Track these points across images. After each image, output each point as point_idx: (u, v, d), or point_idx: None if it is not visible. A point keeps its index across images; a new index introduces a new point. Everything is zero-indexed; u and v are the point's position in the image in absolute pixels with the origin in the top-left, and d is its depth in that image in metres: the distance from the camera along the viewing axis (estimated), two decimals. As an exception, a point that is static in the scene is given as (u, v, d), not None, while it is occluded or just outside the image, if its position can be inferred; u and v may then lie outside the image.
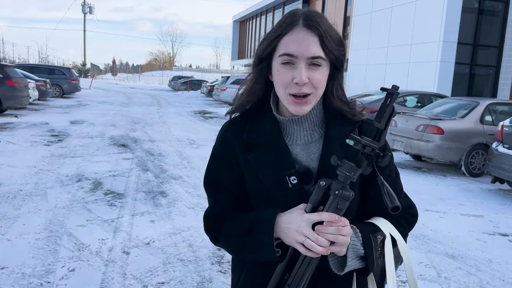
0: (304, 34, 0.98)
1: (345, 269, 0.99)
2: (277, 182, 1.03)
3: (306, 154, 1.07)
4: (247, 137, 1.08)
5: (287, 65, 0.99)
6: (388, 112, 0.95)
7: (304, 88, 0.99)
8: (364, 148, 0.94)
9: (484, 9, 15.80)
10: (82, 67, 45.69)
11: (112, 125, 11.81)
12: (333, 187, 0.94)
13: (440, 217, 5.06)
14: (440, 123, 7.30)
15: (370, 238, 1.00)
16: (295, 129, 1.08)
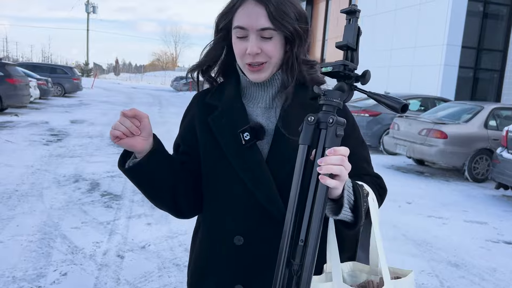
0: (252, 7, 1.01)
1: (340, 214, 0.92)
2: (233, 140, 1.05)
3: (267, 116, 1.09)
4: (208, 100, 1.13)
5: (241, 38, 1.03)
6: (353, 31, 0.89)
7: (258, 58, 1.02)
8: (345, 69, 0.89)
9: (488, 13, 15.69)
10: (84, 67, 45.69)
11: (112, 125, 11.74)
12: (323, 118, 0.87)
13: (443, 224, 4.95)
14: (443, 127, 7.20)
15: (358, 189, 0.96)
16: (259, 94, 1.11)
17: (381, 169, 8.04)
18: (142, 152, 1.04)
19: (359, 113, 9.68)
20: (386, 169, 8.07)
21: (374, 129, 9.56)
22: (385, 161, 8.95)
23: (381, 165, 8.46)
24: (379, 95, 0.92)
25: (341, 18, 27.01)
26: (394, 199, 5.87)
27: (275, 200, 1.01)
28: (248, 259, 1.04)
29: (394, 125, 8.22)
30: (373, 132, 9.58)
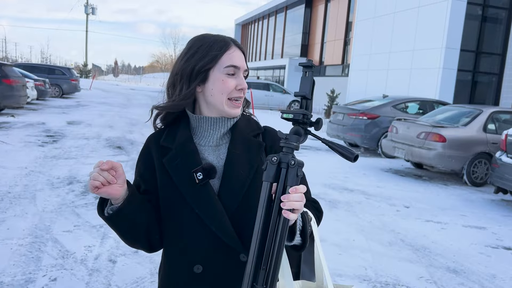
0: (239, 52, 1.20)
1: (293, 240, 1.07)
2: (187, 179, 1.15)
3: (216, 154, 1.21)
4: (162, 142, 1.23)
5: (232, 75, 1.18)
6: (309, 83, 1.01)
7: (243, 93, 1.20)
8: (304, 118, 1.01)
9: (487, 17, 15.68)
10: (83, 68, 45.56)
11: (109, 126, 11.66)
12: (284, 159, 0.98)
13: (442, 228, 4.89)
14: (442, 130, 7.14)
15: (305, 216, 1.09)
16: (211, 133, 1.22)
17: (379, 172, 7.99)
18: (119, 199, 1.10)
19: (357, 116, 9.63)
20: (384, 173, 8.01)
21: (372, 132, 9.51)
22: (383, 164, 8.89)
23: (379, 168, 8.40)
24: (332, 143, 1.04)
25: (340, 24, 27.09)
26: (392, 203, 5.81)
27: (228, 230, 1.12)
28: (207, 285, 1.14)
29: (393, 128, 8.17)
30: (372, 135, 9.52)
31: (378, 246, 4.16)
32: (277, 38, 37.69)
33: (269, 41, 39.56)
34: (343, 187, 6.53)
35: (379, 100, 10.37)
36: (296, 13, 33.58)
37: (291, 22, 34.96)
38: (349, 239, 4.30)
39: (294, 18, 34.21)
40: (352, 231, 4.55)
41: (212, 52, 1.18)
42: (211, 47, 1.18)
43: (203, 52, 1.18)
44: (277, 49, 37.47)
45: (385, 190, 6.56)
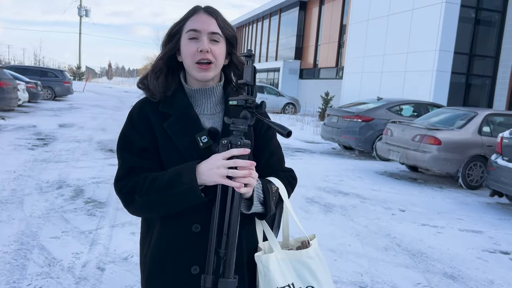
0: (205, 17, 1.25)
1: (251, 209, 1.21)
2: (190, 144, 1.23)
3: (212, 122, 1.31)
4: (162, 108, 1.27)
5: (193, 39, 1.24)
6: (251, 71, 1.14)
7: (207, 55, 1.22)
8: (246, 103, 1.15)
9: (480, 19, 15.72)
10: (76, 70, 45.30)
11: (102, 129, 11.53)
12: (234, 141, 1.14)
13: (438, 233, 4.82)
14: (437, 133, 7.09)
15: (268, 187, 1.23)
16: (203, 102, 1.31)
17: (374, 175, 7.93)
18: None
19: (351, 119, 9.57)
20: (379, 175, 7.95)
21: (367, 135, 9.45)
22: (378, 167, 8.83)
23: (374, 171, 8.34)
24: (270, 121, 1.18)
25: (334, 27, 27.10)
26: (387, 207, 5.73)
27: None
28: (203, 243, 1.20)
29: (387, 131, 8.11)
30: (366, 138, 9.46)
31: (374, 251, 4.08)
32: (271, 41, 37.66)
33: (264, 44, 39.52)
34: (337, 190, 6.45)
35: (374, 103, 10.32)
36: (290, 16, 33.58)
37: (285, 25, 34.96)
38: (344, 244, 4.22)
39: (288, 21, 34.21)
40: (347, 236, 4.46)
41: (181, 19, 1.29)
42: (183, 15, 1.29)
43: (176, 21, 1.30)
44: (271, 52, 37.45)
45: (380, 193, 6.49)
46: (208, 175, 1.14)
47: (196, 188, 1.15)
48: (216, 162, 1.13)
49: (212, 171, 1.13)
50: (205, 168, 1.15)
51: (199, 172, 1.16)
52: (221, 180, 1.12)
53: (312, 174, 7.49)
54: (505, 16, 15.57)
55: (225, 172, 1.11)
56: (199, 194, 1.16)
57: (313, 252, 1.31)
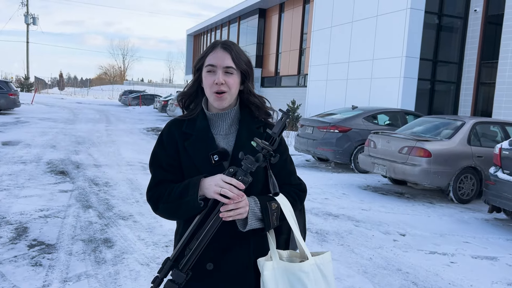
0: (221, 52, 1.48)
1: (246, 227, 1.40)
2: (205, 160, 1.46)
3: (226, 141, 1.52)
4: (185, 129, 1.53)
5: (211, 72, 1.48)
6: (281, 126, 1.41)
7: (222, 87, 1.46)
8: (262, 150, 1.37)
9: (443, 26, 15.74)
10: (24, 81, 42.67)
11: (52, 146, 10.34)
12: (238, 173, 1.35)
13: (452, 263, 4.21)
14: (426, 144, 6.58)
15: (266, 205, 1.42)
16: (220, 124, 1.53)
17: (358, 191, 7.33)
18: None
19: (328, 129, 8.98)
20: (363, 191, 7.36)
21: (345, 146, 8.88)
22: (359, 180, 8.25)
23: (356, 185, 7.75)
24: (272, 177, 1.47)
25: (294, 34, 26.82)
26: (385, 231, 5.10)
27: None
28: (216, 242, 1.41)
29: (370, 142, 7.55)
30: (344, 150, 8.89)
31: (390, 295, 3.39)
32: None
33: (223, 52, 38.78)
34: (326, 212, 5.77)
35: (349, 112, 9.80)
36: (250, 24, 33.11)
37: (244, 33, 34.45)
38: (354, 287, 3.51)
39: (247, 28, 33.72)
40: (354, 275, 3.76)
41: (202, 54, 1.52)
42: (204, 51, 1.53)
43: (199, 55, 1.54)
44: (231, 60, 36.75)
45: (372, 214, 5.87)
46: (208, 188, 1.37)
47: (196, 199, 1.37)
48: (216, 180, 1.36)
49: (211, 186, 1.36)
50: (207, 183, 1.38)
51: (203, 185, 1.39)
52: (214, 195, 1.34)
53: (292, 193, 6.78)
54: (467, 22, 15.67)
55: (218, 190, 1.33)
56: (198, 205, 1.38)
57: (308, 267, 1.40)
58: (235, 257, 1.45)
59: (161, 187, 1.47)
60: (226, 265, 1.44)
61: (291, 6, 27.61)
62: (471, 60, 15.56)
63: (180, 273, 1.32)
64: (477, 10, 15.31)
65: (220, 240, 1.42)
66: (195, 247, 1.34)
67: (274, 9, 30.14)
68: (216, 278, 1.44)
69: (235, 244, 1.45)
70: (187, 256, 1.34)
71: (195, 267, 1.38)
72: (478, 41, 15.32)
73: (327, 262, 1.44)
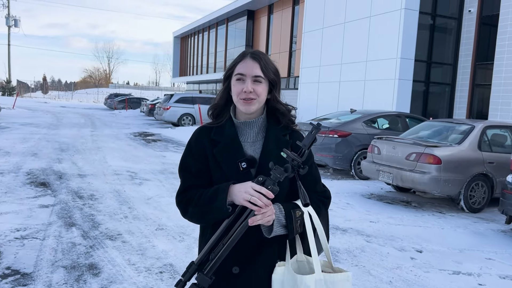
0: (251, 62, 1.53)
1: (272, 233, 1.45)
2: (233, 167, 1.51)
3: (253, 149, 1.57)
4: (213, 136, 1.57)
5: (240, 81, 1.53)
6: (311, 138, 1.44)
7: (250, 95, 1.51)
8: (292, 161, 1.42)
9: (437, 26, 15.47)
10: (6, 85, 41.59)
11: (33, 154, 9.72)
12: (267, 183, 1.40)
13: (480, 285, 3.78)
14: (435, 150, 6.18)
15: (290, 213, 1.47)
16: (247, 131, 1.58)
17: (362, 200, 6.89)
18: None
19: (327, 134, 8.55)
20: (367, 200, 6.93)
21: (344, 152, 8.46)
22: (361, 188, 7.83)
23: (359, 194, 7.32)
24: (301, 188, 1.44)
25: (284, 36, 26.43)
26: (400, 247, 4.66)
27: None
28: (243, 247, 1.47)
29: (373, 148, 7.13)
30: (344, 155, 8.47)
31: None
32: (218, 51, 36.52)
33: (211, 54, 38.30)
34: (333, 226, 5.31)
35: (347, 116, 9.38)
36: (238, 26, 32.66)
37: (233, 34, 33.99)
38: (380, 321, 3.05)
39: (236, 30, 33.26)
40: (377, 304, 3.30)
41: (232, 63, 1.58)
42: (234, 59, 1.58)
43: (229, 64, 1.59)
44: (219, 63, 36.29)
45: (382, 227, 5.43)
46: (237, 195, 1.41)
47: (225, 205, 1.41)
48: (246, 187, 1.39)
49: (240, 193, 1.40)
50: (237, 189, 1.42)
51: (232, 191, 1.43)
52: (243, 202, 1.39)
53: (293, 203, 6.32)
54: (461, 23, 15.43)
55: (248, 197, 1.37)
56: (226, 210, 1.42)
57: (311, 281, 1.42)
58: (261, 261, 1.50)
59: (190, 192, 1.52)
60: (252, 269, 1.49)
61: (280, 7, 27.24)
62: (466, 61, 15.32)
63: (205, 277, 1.36)
64: (471, 10, 15.09)
65: (246, 245, 1.47)
66: (221, 252, 1.38)
67: (263, 10, 29.75)
68: (241, 282, 1.49)
69: (260, 249, 1.50)
70: (213, 260, 1.38)
71: (221, 271, 1.43)
72: (473, 42, 15.08)
73: (340, 282, 1.46)
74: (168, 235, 4.61)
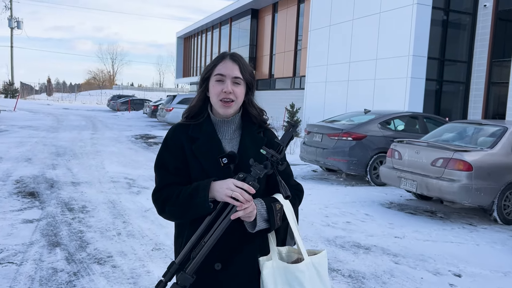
0: (230, 63, 1.57)
1: (255, 228, 1.48)
2: (213, 163, 1.51)
3: (231, 145, 1.59)
4: (191, 133, 1.59)
5: (219, 82, 1.55)
6: (289, 136, 1.49)
7: (230, 96, 1.54)
8: (272, 157, 1.45)
9: (451, 22, 14.79)
10: (8, 86, 41.18)
11: (27, 159, 9.15)
12: (248, 179, 1.42)
13: (540, 322, 3.14)
14: (466, 155, 5.53)
15: (271, 206, 1.50)
16: (225, 128, 1.61)
17: (381, 210, 6.25)
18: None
19: (340, 137, 7.91)
20: (387, 210, 6.29)
21: (360, 156, 7.81)
22: (378, 196, 7.18)
23: (377, 202, 6.68)
24: (282, 182, 1.47)
25: (289, 34, 25.78)
26: (435, 270, 4.02)
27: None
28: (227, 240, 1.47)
29: (394, 153, 6.48)
30: (359, 160, 7.83)
31: None
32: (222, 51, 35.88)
33: (214, 55, 37.64)
34: (353, 243, 4.68)
35: (361, 117, 8.73)
36: (242, 25, 32.05)
37: (237, 34, 33.39)
38: None
39: (240, 30, 32.66)
40: None
41: (211, 64, 1.59)
42: (212, 61, 1.59)
43: (207, 65, 1.60)
44: (223, 62, 35.64)
45: (408, 243, 4.79)
46: (219, 191, 1.42)
47: (206, 201, 1.42)
48: (228, 184, 1.41)
49: (222, 189, 1.41)
50: (218, 186, 1.43)
51: (213, 188, 1.44)
52: (225, 198, 1.40)
53: (306, 213, 5.69)
54: (476, 18, 14.74)
55: (230, 193, 1.39)
56: (208, 206, 1.43)
57: (304, 267, 1.49)
58: (243, 257, 1.52)
59: (167, 189, 1.53)
60: (234, 265, 1.51)
61: (285, 5, 26.59)
62: (481, 58, 14.61)
63: (187, 276, 1.35)
64: (486, 5, 14.38)
65: (228, 241, 1.48)
66: (202, 250, 1.38)
67: (267, 9, 29.11)
68: (224, 278, 1.50)
69: (242, 244, 1.52)
70: (194, 259, 1.38)
71: (204, 268, 1.43)
72: (489, 38, 14.38)
73: (322, 261, 1.55)
74: (165, 257, 4.00)
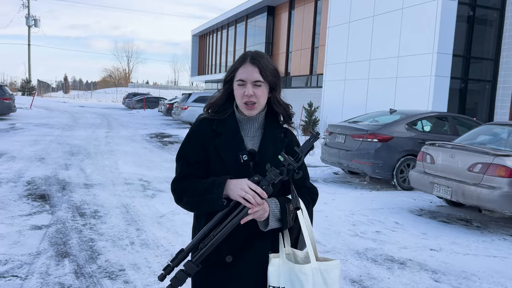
0: (250, 67, 1.60)
1: (268, 227, 1.52)
2: (233, 158, 1.57)
3: (252, 143, 1.64)
4: (215, 128, 1.64)
5: (241, 85, 1.61)
6: (309, 146, 1.53)
7: (252, 99, 1.60)
8: (288, 165, 1.47)
9: (477, 18, 14.18)
10: (25, 84, 41.47)
11: (40, 159, 8.93)
12: (262, 183, 1.46)
13: None
14: (508, 161, 5.08)
15: (285, 206, 1.54)
16: (248, 126, 1.66)
17: (411, 217, 5.83)
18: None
19: (365, 138, 7.49)
20: (418, 218, 5.85)
21: (386, 159, 7.38)
22: (407, 201, 6.74)
23: (407, 209, 6.25)
24: (294, 191, 1.51)
25: (306, 31, 25.28)
26: (481, 291, 3.59)
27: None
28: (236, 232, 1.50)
29: (425, 156, 6.04)
30: (385, 163, 7.39)
31: None
32: (237, 49, 35.55)
33: (230, 53, 37.39)
34: (386, 257, 4.28)
35: (386, 117, 8.29)
36: (258, 22, 31.65)
37: (252, 31, 32.99)
38: None
39: (255, 27, 32.26)
40: None
41: (233, 67, 1.64)
42: (235, 63, 1.64)
43: (230, 67, 1.66)
44: (238, 60, 35.29)
45: (447, 257, 4.37)
46: (232, 190, 1.47)
47: (220, 198, 1.47)
48: (242, 184, 1.46)
49: (236, 188, 1.46)
50: (233, 184, 1.48)
51: (228, 185, 1.49)
52: (238, 198, 1.45)
53: (332, 221, 5.30)
54: (504, 14, 14.11)
55: (243, 194, 1.44)
56: (221, 203, 1.47)
57: (308, 270, 1.50)
58: (254, 251, 1.57)
59: (186, 181, 1.59)
60: (245, 259, 1.56)
61: (302, 2, 26.12)
62: (509, 56, 13.99)
63: (192, 265, 1.42)
64: (515, 0, 13.76)
65: (241, 235, 1.53)
66: (211, 243, 1.43)
67: (284, 6, 28.66)
68: (233, 271, 1.55)
69: (254, 240, 1.56)
70: (202, 250, 1.44)
71: (215, 259, 1.51)
72: (517, 34, 13.75)
73: (332, 269, 1.53)
74: (182, 271, 3.65)
